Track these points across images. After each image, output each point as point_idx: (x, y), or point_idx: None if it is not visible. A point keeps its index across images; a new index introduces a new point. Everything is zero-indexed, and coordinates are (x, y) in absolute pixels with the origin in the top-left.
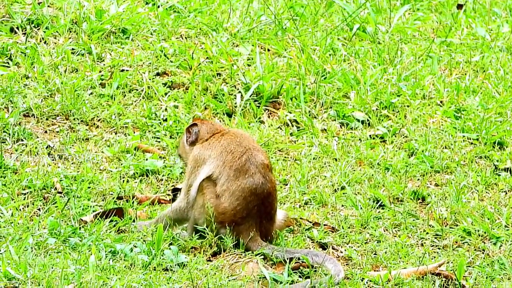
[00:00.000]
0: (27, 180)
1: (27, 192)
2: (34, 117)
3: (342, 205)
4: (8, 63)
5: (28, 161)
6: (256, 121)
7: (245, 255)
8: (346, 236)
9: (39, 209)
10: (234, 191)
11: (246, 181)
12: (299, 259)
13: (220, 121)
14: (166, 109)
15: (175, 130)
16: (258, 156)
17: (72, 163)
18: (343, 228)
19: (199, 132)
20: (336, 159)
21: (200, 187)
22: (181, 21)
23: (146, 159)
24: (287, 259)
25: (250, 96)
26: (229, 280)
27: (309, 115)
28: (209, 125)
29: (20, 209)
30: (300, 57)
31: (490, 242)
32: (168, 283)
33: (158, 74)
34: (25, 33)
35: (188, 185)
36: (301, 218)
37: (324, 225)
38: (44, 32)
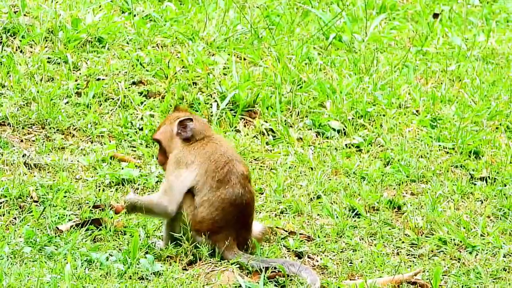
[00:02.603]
0: (2, 189)
1: (3, 201)
2: (10, 126)
3: (318, 214)
4: None
5: (4, 170)
6: (232, 130)
7: (221, 263)
8: (322, 245)
9: (15, 218)
10: (214, 201)
11: (226, 192)
12: (275, 268)
13: None
14: (142, 118)
15: (151, 139)
16: (239, 167)
17: (48, 172)
18: (319, 237)
19: (194, 130)
20: (312, 168)
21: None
22: (157, 30)
23: (122, 168)
24: (263, 268)
25: (226, 105)
26: None
27: (285, 124)
28: (202, 123)
29: None
30: (276, 66)
31: (466, 251)
32: None
33: (134, 83)
34: (1, 42)
35: (169, 185)
36: (277, 227)
37: (300, 234)
38: (20, 41)
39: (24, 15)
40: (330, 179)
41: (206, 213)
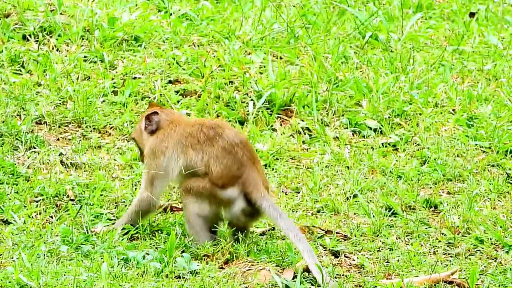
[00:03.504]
0: (39, 187)
1: (40, 200)
2: (46, 124)
3: (355, 213)
4: (20, 70)
5: (40, 168)
6: (268, 129)
7: (258, 262)
8: (358, 244)
9: (51, 217)
10: (216, 154)
11: (220, 140)
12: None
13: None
14: None
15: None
16: (217, 122)
17: (84, 171)
18: (355, 236)
19: (159, 122)
20: (348, 167)
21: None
22: (193, 29)
23: None
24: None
25: (262, 104)
26: None
27: (321, 123)
28: (169, 113)
29: (32, 217)
30: (312, 65)
31: (503, 250)
32: None
33: (170, 81)
34: (37, 41)
35: (150, 177)
36: (313, 226)
37: (337, 233)
38: (57, 39)
39: (61, 13)
40: (366, 178)
41: (218, 167)
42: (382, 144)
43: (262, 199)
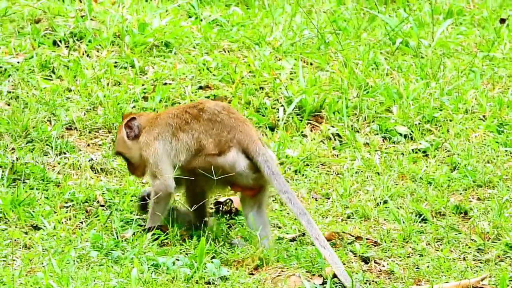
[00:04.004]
0: (69, 193)
1: (70, 205)
2: (76, 130)
3: (385, 219)
4: (51, 76)
5: (70, 174)
6: (299, 135)
7: (287, 268)
8: (388, 250)
9: (81, 222)
10: (205, 128)
11: (204, 114)
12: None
13: (262, 135)
14: None
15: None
16: (198, 101)
17: (114, 176)
18: (385, 242)
19: (139, 125)
20: (378, 173)
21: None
22: (224, 35)
23: None
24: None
25: (292, 110)
26: None
27: (352, 129)
28: (145, 114)
29: (62, 222)
30: (343, 71)
31: None
32: None
33: (200, 87)
34: (68, 46)
35: (154, 165)
36: (343, 232)
37: (367, 239)
38: (87, 45)
39: (91, 19)
40: (396, 184)
41: (210, 138)
42: (412, 150)
43: (257, 155)
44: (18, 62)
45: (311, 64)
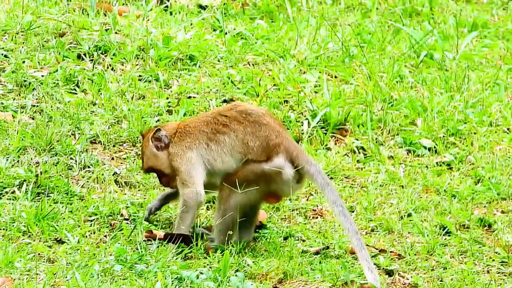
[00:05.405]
0: (93, 207)
1: (94, 219)
2: (101, 144)
3: (409, 232)
4: (75, 89)
5: (94, 188)
6: (323, 148)
7: (311, 281)
8: (412, 263)
9: (105, 236)
10: (251, 130)
11: (247, 116)
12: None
13: None
14: None
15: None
16: (231, 104)
17: (138, 190)
18: (409, 255)
19: (167, 135)
20: (402, 186)
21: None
22: (248, 48)
23: None
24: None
25: (317, 123)
26: None
27: (376, 142)
28: (169, 125)
29: (86, 236)
30: (367, 84)
31: None
32: None
33: (225, 101)
34: (92, 60)
35: (186, 173)
36: (367, 245)
37: (391, 252)
38: (111, 58)
39: (116, 33)
40: (420, 197)
41: (258, 141)
42: (437, 163)
43: (309, 164)
44: (43, 76)
45: (335, 77)
